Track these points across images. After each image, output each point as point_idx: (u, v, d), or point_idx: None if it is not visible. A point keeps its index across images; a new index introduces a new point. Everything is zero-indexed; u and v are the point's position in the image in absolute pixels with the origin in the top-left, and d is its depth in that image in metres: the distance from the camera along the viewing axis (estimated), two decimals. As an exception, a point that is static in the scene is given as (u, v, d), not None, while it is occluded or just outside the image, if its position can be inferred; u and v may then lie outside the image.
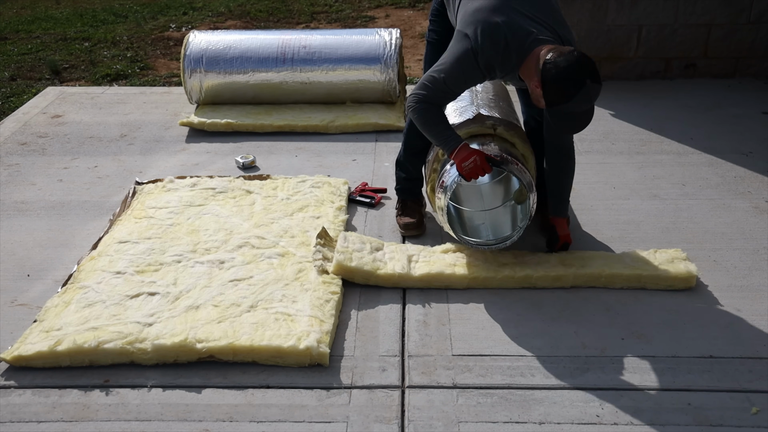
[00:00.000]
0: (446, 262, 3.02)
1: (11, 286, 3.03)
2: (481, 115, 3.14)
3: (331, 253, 3.08)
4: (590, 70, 2.63)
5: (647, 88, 5.25)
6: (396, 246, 3.16)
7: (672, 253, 3.05)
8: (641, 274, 2.92)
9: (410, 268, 2.99)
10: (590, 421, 2.28)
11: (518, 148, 3.11)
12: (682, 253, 3.05)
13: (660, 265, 2.96)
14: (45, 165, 4.18)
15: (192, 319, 2.68)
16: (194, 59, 4.68)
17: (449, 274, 2.96)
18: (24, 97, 5.52)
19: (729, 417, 2.29)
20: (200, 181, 3.77)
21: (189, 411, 2.35)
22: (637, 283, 2.93)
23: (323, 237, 3.17)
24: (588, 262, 3.01)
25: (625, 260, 3.02)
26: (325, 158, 4.20)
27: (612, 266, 2.97)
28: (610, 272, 2.94)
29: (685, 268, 2.94)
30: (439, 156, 3.13)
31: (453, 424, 2.28)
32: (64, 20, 8.08)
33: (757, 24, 5.23)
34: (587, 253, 3.10)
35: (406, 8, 8.12)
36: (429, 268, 2.98)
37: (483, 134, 3.10)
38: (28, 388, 2.45)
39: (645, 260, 3.00)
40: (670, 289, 2.92)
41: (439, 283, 2.96)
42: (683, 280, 2.91)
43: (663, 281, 2.92)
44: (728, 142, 4.33)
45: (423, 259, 3.05)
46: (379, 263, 3.00)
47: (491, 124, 3.09)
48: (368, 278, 2.96)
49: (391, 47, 4.66)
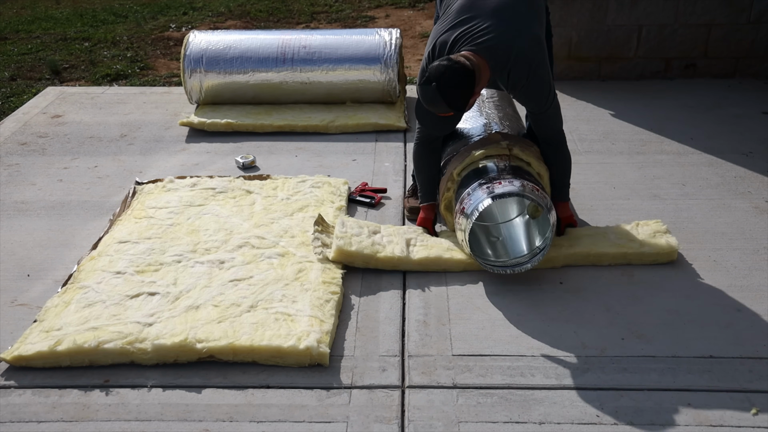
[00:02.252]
0: (443, 247, 3.10)
1: (11, 286, 3.03)
2: (496, 135, 3.17)
3: (330, 239, 3.14)
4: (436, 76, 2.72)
5: (647, 88, 5.25)
6: (393, 228, 3.23)
7: (653, 225, 3.22)
8: (626, 252, 3.07)
9: (409, 251, 3.06)
10: (590, 421, 2.28)
11: (533, 167, 3.14)
12: (662, 226, 3.21)
13: (643, 240, 3.12)
14: (45, 165, 4.18)
15: (192, 319, 2.68)
16: (194, 59, 4.68)
17: (447, 258, 3.04)
18: (24, 97, 5.52)
19: (729, 417, 2.29)
20: (200, 181, 3.77)
21: (189, 411, 2.35)
22: (623, 260, 3.08)
23: (320, 224, 3.23)
24: (576, 242, 3.13)
25: (610, 237, 3.17)
26: (325, 158, 4.20)
27: (599, 245, 3.11)
28: (598, 251, 3.08)
29: (666, 243, 3.09)
30: (454, 176, 3.15)
31: (453, 424, 2.28)
32: (64, 20, 8.08)
33: (757, 24, 5.23)
34: (574, 232, 3.21)
35: (406, 8, 8.12)
36: (427, 252, 3.06)
37: (499, 155, 3.12)
38: (28, 388, 2.45)
39: (629, 236, 3.17)
40: (653, 263, 3.07)
41: (437, 266, 3.05)
42: (666, 254, 3.07)
43: (647, 257, 3.07)
44: (728, 142, 4.33)
45: (420, 243, 3.13)
46: (378, 246, 3.06)
47: (507, 145, 3.12)
48: (368, 261, 3.02)
49: (391, 47, 4.66)
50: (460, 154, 3.17)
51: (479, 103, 3.56)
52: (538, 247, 3.00)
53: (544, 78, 2.93)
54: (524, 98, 3.04)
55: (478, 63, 2.79)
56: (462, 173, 3.13)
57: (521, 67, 2.87)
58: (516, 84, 2.93)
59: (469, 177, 3.07)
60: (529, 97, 3.02)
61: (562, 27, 5.21)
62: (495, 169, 3.04)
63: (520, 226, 3.20)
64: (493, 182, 2.92)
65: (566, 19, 5.21)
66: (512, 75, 2.90)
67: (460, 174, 3.14)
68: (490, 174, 3.00)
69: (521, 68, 2.87)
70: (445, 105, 2.74)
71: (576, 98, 5.05)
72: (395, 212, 3.58)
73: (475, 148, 3.13)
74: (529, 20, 2.93)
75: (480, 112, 3.48)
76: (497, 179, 2.93)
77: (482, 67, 2.81)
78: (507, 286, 2.98)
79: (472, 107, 3.50)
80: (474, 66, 2.75)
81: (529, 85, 2.93)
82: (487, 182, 2.93)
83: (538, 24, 2.98)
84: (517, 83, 2.93)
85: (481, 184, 2.94)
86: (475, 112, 3.48)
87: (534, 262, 2.96)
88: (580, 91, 5.14)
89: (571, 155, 3.24)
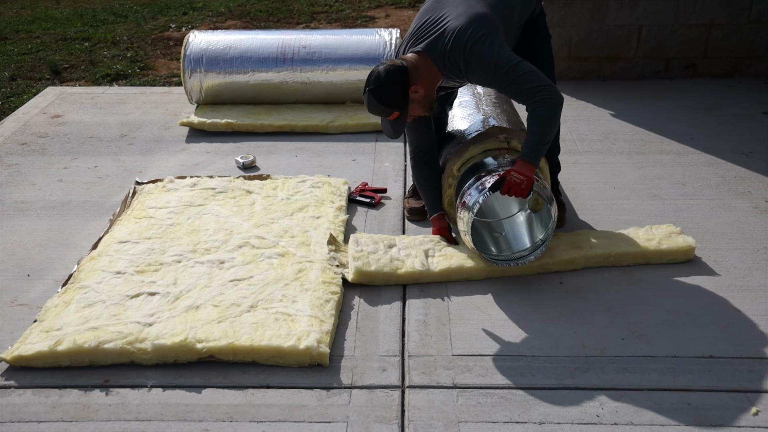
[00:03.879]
0: (463, 256, 3.05)
1: (11, 286, 3.03)
2: (494, 129, 3.17)
3: (345, 258, 3.07)
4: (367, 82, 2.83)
5: (647, 88, 5.25)
6: (409, 239, 3.17)
7: (666, 228, 3.22)
8: (646, 251, 3.07)
9: (429, 264, 3.00)
10: (590, 421, 2.28)
11: None
12: (675, 228, 3.21)
13: (660, 240, 3.12)
14: (45, 165, 4.18)
15: (192, 319, 2.68)
16: (194, 59, 4.68)
17: (469, 267, 2.99)
18: (24, 97, 5.52)
19: (729, 417, 2.29)
20: (200, 181, 3.77)
21: (189, 411, 2.35)
22: (643, 259, 3.08)
23: (333, 243, 3.16)
24: (595, 244, 3.12)
25: (627, 239, 3.16)
26: (325, 158, 4.20)
27: (618, 246, 3.11)
28: (618, 251, 3.07)
29: (684, 241, 3.11)
30: (454, 172, 3.15)
31: (453, 424, 2.28)
32: (64, 20, 8.08)
33: (757, 24, 5.23)
34: (591, 233, 3.22)
35: (406, 8, 8.11)
36: (448, 262, 3.01)
37: (498, 148, 3.12)
38: (28, 388, 2.45)
39: (646, 236, 3.17)
40: (672, 262, 3.08)
41: (459, 276, 3.00)
42: (684, 252, 3.08)
43: (666, 255, 3.08)
44: (728, 142, 4.33)
45: (440, 254, 3.07)
46: (397, 262, 3.00)
47: (504, 138, 3.12)
48: (389, 279, 2.96)
49: (391, 47, 4.66)
50: (458, 149, 3.17)
51: (477, 102, 3.54)
52: (540, 240, 3.00)
53: (483, 54, 2.76)
54: (486, 84, 3.02)
55: (413, 59, 2.85)
56: (462, 169, 3.13)
57: (457, 47, 2.79)
58: (461, 68, 2.84)
59: (469, 172, 3.07)
60: (482, 81, 2.95)
61: (562, 27, 5.21)
62: (494, 162, 3.04)
63: (522, 220, 3.20)
64: (492, 175, 2.92)
65: (566, 19, 5.21)
66: (451, 59, 2.82)
67: (459, 170, 3.13)
68: (490, 168, 3.00)
69: (457, 49, 2.79)
70: (382, 106, 2.81)
71: (576, 98, 5.05)
72: (395, 212, 3.58)
73: (474, 143, 3.13)
74: (476, 8, 2.85)
75: (478, 109, 3.47)
76: (496, 173, 2.92)
77: (420, 62, 2.84)
78: (507, 286, 2.98)
79: (471, 106, 3.49)
80: (407, 62, 2.83)
81: (469, 66, 2.81)
82: (487, 176, 2.93)
83: (492, 10, 2.86)
84: (461, 68, 2.84)
85: (480, 178, 2.94)
86: (473, 110, 3.46)
87: (537, 254, 2.95)
88: (580, 91, 5.14)
89: (571, 155, 3.24)
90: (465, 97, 3.58)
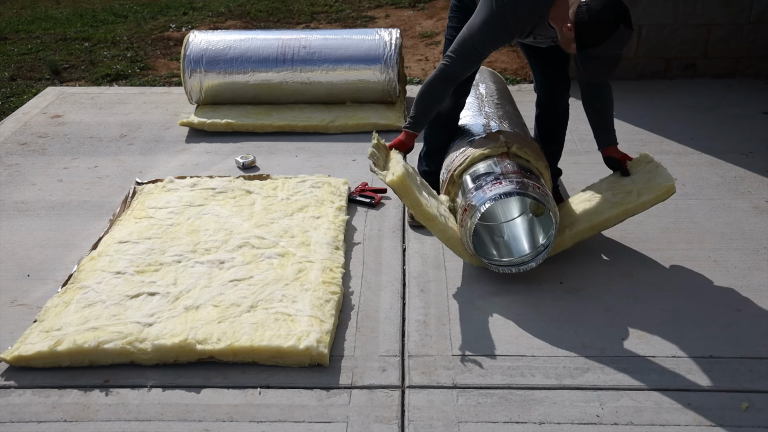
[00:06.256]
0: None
1: (11, 286, 3.03)
2: (495, 134, 3.17)
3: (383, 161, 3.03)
4: (623, 14, 2.66)
5: (647, 88, 5.25)
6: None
7: (642, 160, 3.19)
8: (627, 208, 3.03)
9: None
10: (590, 421, 2.28)
11: (532, 163, 3.13)
12: (649, 156, 3.19)
13: (640, 188, 3.06)
14: (45, 165, 4.18)
15: (192, 319, 2.68)
16: (194, 59, 4.68)
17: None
18: (24, 97, 5.52)
19: (729, 417, 2.29)
20: (200, 181, 3.77)
21: (189, 411, 2.35)
22: (626, 216, 3.04)
23: (377, 140, 3.13)
24: (576, 219, 3.09)
25: (607, 197, 3.12)
26: (325, 158, 4.20)
27: (599, 212, 3.06)
28: (600, 219, 3.05)
29: (663, 182, 3.03)
30: (455, 179, 3.15)
31: (453, 424, 2.28)
32: (64, 20, 8.08)
33: (757, 24, 5.23)
34: (569, 206, 3.19)
35: (406, 8, 8.11)
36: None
37: (499, 154, 3.12)
38: (28, 388, 2.45)
39: (625, 188, 3.12)
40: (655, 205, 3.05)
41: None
42: (665, 194, 3.02)
43: (649, 203, 3.03)
44: (728, 142, 4.33)
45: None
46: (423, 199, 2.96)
47: (504, 142, 3.12)
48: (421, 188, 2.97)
49: (391, 47, 4.66)
50: (459, 155, 3.17)
51: (479, 103, 3.56)
52: (542, 245, 2.99)
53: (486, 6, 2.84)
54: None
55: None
56: (463, 175, 3.12)
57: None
58: None
59: (470, 178, 3.07)
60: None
61: (562, 27, 5.20)
62: (495, 168, 3.03)
63: (523, 224, 3.20)
64: (494, 182, 2.92)
65: (566, 19, 5.21)
66: None
67: (460, 176, 3.13)
68: (491, 173, 3.00)
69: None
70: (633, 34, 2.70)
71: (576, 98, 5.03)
72: (395, 212, 3.58)
73: (475, 148, 3.13)
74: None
75: (479, 111, 3.48)
76: (498, 179, 2.92)
77: None
78: (507, 286, 2.98)
79: (472, 106, 3.50)
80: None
81: None
82: (488, 182, 2.93)
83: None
84: None
85: (481, 185, 2.93)
86: (475, 112, 3.47)
87: (539, 260, 2.95)
88: (580, 91, 5.13)
89: (571, 155, 3.24)
90: (468, 99, 3.58)
